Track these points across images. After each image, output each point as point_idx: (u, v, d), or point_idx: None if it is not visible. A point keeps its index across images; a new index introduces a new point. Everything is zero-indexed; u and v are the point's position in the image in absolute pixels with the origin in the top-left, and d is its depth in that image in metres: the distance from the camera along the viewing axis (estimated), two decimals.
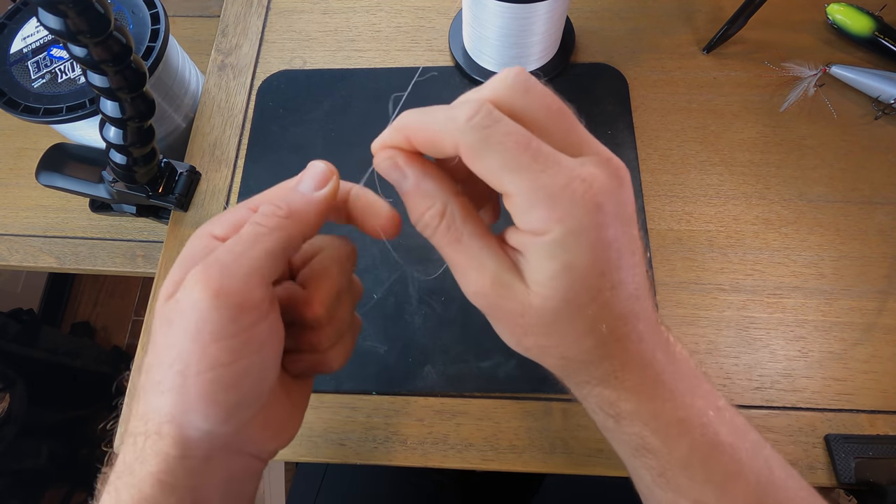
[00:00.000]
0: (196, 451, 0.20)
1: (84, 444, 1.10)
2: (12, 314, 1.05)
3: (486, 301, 0.21)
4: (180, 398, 0.20)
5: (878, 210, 0.40)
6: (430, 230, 0.22)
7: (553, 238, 0.19)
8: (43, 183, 0.42)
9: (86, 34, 0.28)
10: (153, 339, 0.21)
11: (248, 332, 0.20)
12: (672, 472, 0.22)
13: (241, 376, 0.20)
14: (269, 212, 0.22)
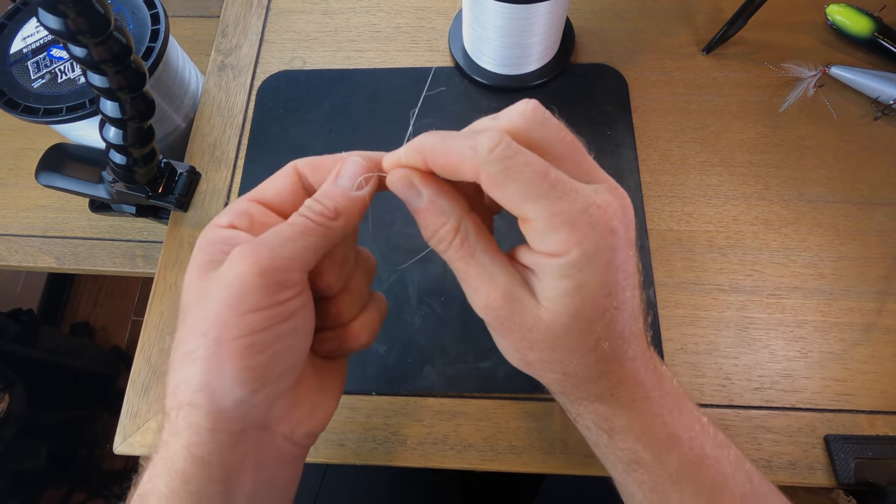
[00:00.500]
0: (228, 424, 0.21)
1: (84, 444, 1.10)
2: (12, 314, 1.05)
3: (496, 314, 0.22)
4: (214, 364, 0.20)
5: (878, 210, 0.40)
6: (444, 245, 0.22)
7: (570, 259, 0.20)
8: (42, 183, 0.42)
9: (86, 34, 0.28)
10: (185, 314, 0.21)
11: (283, 305, 0.21)
12: (663, 486, 0.23)
13: (275, 341, 0.21)
14: (320, 210, 0.22)
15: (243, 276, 0.20)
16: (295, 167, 0.24)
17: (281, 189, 0.24)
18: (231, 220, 0.23)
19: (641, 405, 0.23)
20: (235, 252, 0.21)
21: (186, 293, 0.22)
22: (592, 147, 0.44)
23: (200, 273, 0.21)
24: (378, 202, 0.41)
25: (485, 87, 0.45)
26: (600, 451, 0.25)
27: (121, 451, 0.36)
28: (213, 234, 0.22)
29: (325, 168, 0.24)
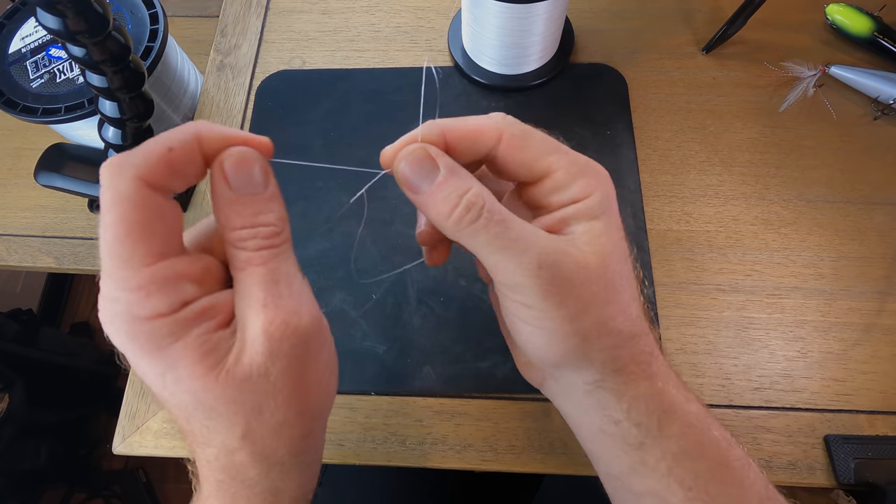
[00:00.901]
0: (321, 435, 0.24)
1: (84, 444, 1.10)
2: (12, 314, 1.05)
3: (550, 274, 0.21)
4: (311, 415, 0.21)
5: (878, 210, 0.40)
6: (473, 213, 0.20)
7: (597, 200, 0.22)
8: (41, 183, 0.42)
9: (84, 34, 0.28)
10: (245, 416, 0.20)
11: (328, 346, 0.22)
12: (704, 477, 0.23)
13: (335, 368, 0.23)
14: (268, 233, 0.20)
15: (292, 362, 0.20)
16: (142, 177, 0.18)
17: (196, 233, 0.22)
18: (178, 297, 0.19)
19: (665, 372, 0.24)
20: (275, 332, 0.19)
21: (216, 400, 0.19)
22: (592, 147, 0.44)
23: (213, 373, 0.19)
24: (379, 202, 0.41)
25: (484, 86, 0.45)
26: (640, 452, 0.23)
27: (120, 451, 0.36)
28: (169, 327, 0.18)
29: (179, 162, 0.19)
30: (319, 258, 0.39)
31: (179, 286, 0.19)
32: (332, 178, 0.42)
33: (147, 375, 0.19)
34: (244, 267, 0.20)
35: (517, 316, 0.22)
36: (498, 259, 0.21)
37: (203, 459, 0.21)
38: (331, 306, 0.38)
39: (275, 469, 0.21)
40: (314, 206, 0.41)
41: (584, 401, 0.24)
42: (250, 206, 0.20)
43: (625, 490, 0.24)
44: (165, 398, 0.19)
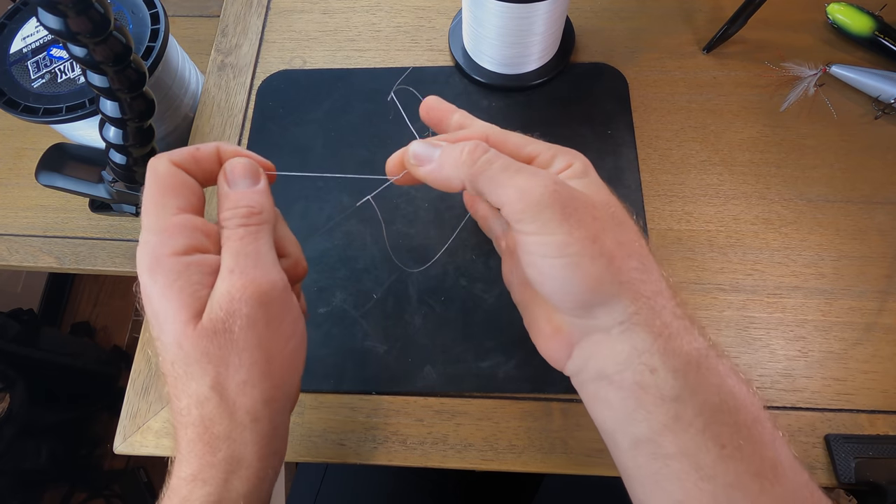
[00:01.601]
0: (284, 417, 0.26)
1: (84, 444, 1.10)
2: (12, 314, 1.06)
3: (564, 193, 0.23)
4: (272, 381, 0.24)
5: (878, 210, 0.40)
6: (478, 152, 0.24)
7: (579, 165, 0.25)
8: (42, 183, 0.42)
9: (86, 34, 0.28)
10: (214, 366, 0.23)
11: (298, 313, 0.26)
12: (734, 432, 0.22)
13: (301, 345, 0.26)
14: (245, 212, 0.25)
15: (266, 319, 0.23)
16: (173, 160, 0.25)
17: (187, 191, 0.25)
18: (191, 241, 0.24)
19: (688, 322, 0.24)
20: (235, 293, 0.23)
21: (192, 347, 0.23)
22: (592, 146, 0.44)
23: (192, 322, 0.23)
24: (379, 201, 0.41)
25: (485, 86, 0.45)
26: (638, 378, 0.23)
27: (121, 450, 0.36)
28: (177, 265, 0.23)
29: (201, 159, 0.26)
30: (320, 258, 0.40)
31: (195, 234, 0.24)
32: (332, 178, 0.42)
33: (154, 314, 0.23)
34: (224, 242, 0.24)
35: (540, 254, 0.23)
36: (516, 182, 0.23)
37: (177, 412, 0.24)
38: (331, 306, 0.38)
39: (236, 430, 0.23)
40: (314, 206, 0.41)
41: (619, 348, 0.23)
42: (237, 196, 0.25)
43: (651, 456, 0.23)
44: (162, 340, 0.23)
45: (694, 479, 0.21)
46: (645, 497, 0.24)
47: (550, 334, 0.26)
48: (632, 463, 0.24)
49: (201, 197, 0.26)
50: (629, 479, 0.24)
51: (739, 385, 0.23)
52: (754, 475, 0.21)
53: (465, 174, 0.24)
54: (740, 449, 0.21)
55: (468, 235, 0.40)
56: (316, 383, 0.37)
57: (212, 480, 0.23)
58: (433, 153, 0.26)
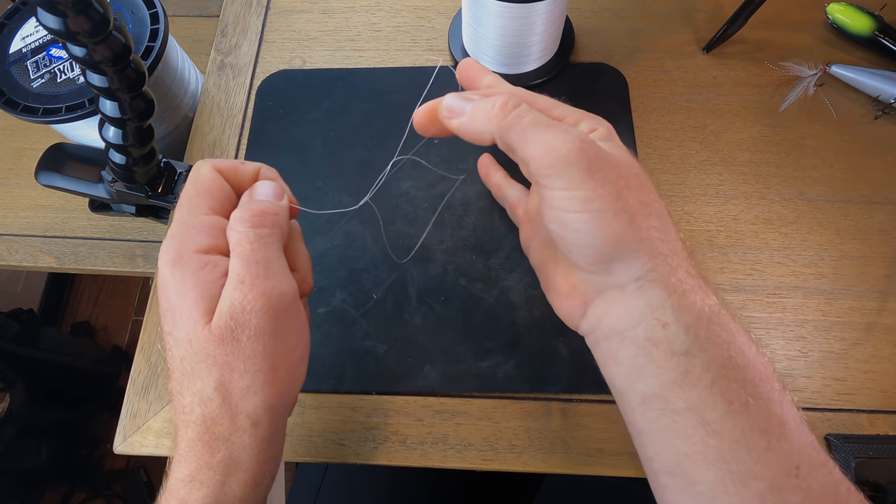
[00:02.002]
0: (283, 422, 0.26)
1: (84, 444, 1.10)
2: (12, 314, 1.06)
3: (591, 149, 0.23)
4: (274, 390, 0.24)
5: (879, 210, 0.39)
6: (514, 102, 0.25)
7: (604, 129, 0.27)
8: (42, 183, 0.42)
9: (85, 34, 0.28)
10: (220, 369, 0.23)
11: (303, 321, 0.27)
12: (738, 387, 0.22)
13: (305, 355, 0.27)
14: (258, 210, 0.25)
15: (270, 324, 0.24)
16: (216, 167, 0.27)
17: (218, 192, 0.26)
18: (214, 241, 0.24)
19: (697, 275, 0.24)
20: (245, 304, 0.23)
21: (201, 347, 0.23)
22: None
23: (202, 321, 0.23)
24: (379, 201, 0.41)
25: None
26: (651, 334, 0.23)
27: (121, 450, 0.36)
28: (198, 262, 0.24)
29: (241, 171, 0.27)
30: (320, 258, 0.39)
31: (219, 235, 0.24)
32: (332, 178, 0.42)
33: (170, 307, 0.24)
34: (234, 247, 0.24)
35: (564, 208, 0.23)
36: (545, 138, 0.23)
37: (180, 410, 0.24)
38: (331, 306, 0.38)
39: (236, 433, 0.23)
40: (314, 206, 0.41)
41: (633, 304, 0.23)
42: (252, 203, 0.26)
43: (660, 412, 0.23)
44: (174, 334, 0.24)
45: (701, 434, 0.22)
46: (653, 453, 0.24)
47: (567, 292, 0.26)
48: (641, 419, 0.24)
49: (234, 203, 0.26)
50: (638, 436, 0.25)
51: (749, 344, 0.23)
52: (761, 432, 0.21)
53: (496, 126, 0.24)
54: (747, 405, 0.22)
55: (468, 235, 0.40)
56: (316, 383, 0.37)
57: (209, 482, 0.23)
58: (465, 106, 0.26)
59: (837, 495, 0.21)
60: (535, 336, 0.36)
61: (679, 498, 0.23)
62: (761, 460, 0.21)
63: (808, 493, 0.21)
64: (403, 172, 0.42)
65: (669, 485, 0.23)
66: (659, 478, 0.23)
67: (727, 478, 0.21)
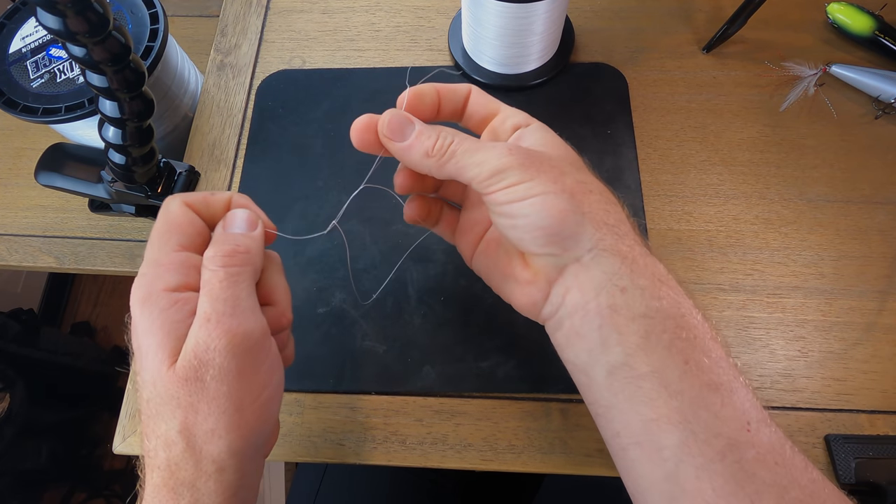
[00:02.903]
0: (253, 466, 0.25)
1: (84, 444, 1.10)
2: (12, 314, 1.05)
3: (523, 153, 0.25)
4: (240, 432, 0.24)
5: (879, 210, 0.39)
6: (447, 142, 0.26)
7: (536, 123, 0.28)
8: (42, 183, 0.42)
9: (84, 34, 0.28)
10: (184, 411, 0.23)
11: (275, 357, 0.26)
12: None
13: (276, 396, 0.26)
14: (229, 251, 0.25)
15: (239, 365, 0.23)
16: (186, 202, 0.27)
17: (189, 228, 0.26)
18: (185, 279, 0.24)
19: (644, 252, 0.25)
20: (210, 343, 0.23)
21: (164, 388, 0.23)
22: (592, 146, 0.44)
23: (167, 362, 0.23)
24: (380, 201, 0.41)
25: (484, 86, 0.45)
26: (609, 315, 0.24)
27: (120, 450, 0.36)
28: (165, 300, 0.23)
29: (212, 203, 0.27)
30: (320, 258, 0.39)
31: (190, 272, 0.24)
32: (333, 177, 0.42)
33: (138, 347, 0.23)
34: (203, 285, 0.24)
35: (509, 200, 0.25)
36: (477, 158, 0.25)
37: (147, 453, 0.24)
38: (331, 306, 0.38)
39: (201, 479, 0.23)
40: (314, 206, 0.41)
41: (591, 274, 0.24)
42: (224, 237, 0.26)
43: (625, 381, 0.23)
44: (142, 374, 0.23)
45: (664, 397, 0.22)
46: (621, 426, 0.24)
47: (529, 279, 0.27)
48: (607, 392, 0.24)
49: (206, 238, 0.26)
50: (605, 413, 0.25)
51: (694, 308, 0.24)
52: (714, 389, 0.22)
53: (433, 165, 0.26)
54: (700, 365, 0.23)
55: None
56: (316, 383, 0.36)
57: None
58: (407, 132, 0.27)
59: (784, 451, 0.22)
60: (534, 336, 0.36)
61: (647, 469, 0.23)
62: (718, 417, 0.22)
63: (760, 448, 0.22)
64: None
65: (638, 457, 0.23)
66: (627, 452, 0.24)
67: (690, 438, 0.22)
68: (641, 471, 0.24)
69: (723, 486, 0.21)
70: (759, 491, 0.21)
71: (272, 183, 0.43)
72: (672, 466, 0.22)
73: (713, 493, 0.21)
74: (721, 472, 0.21)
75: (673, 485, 0.22)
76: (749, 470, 0.21)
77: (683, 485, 0.22)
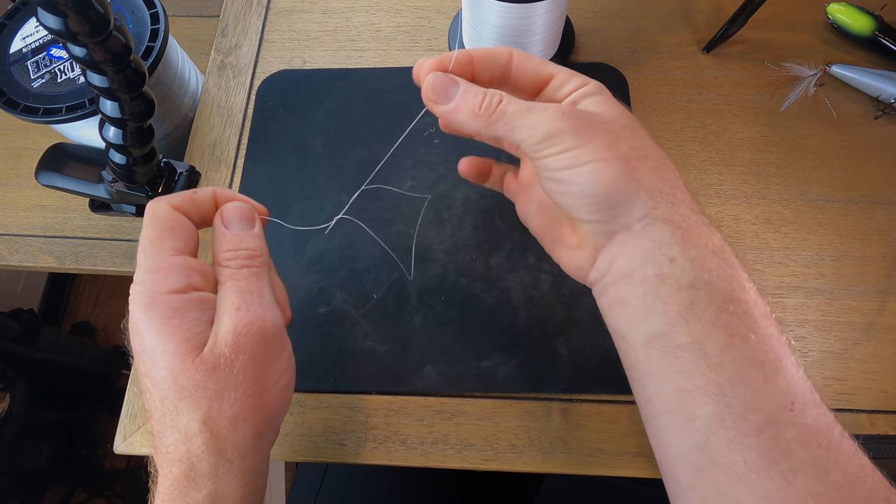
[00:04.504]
0: (268, 450, 0.27)
1: (85, 444, 1.10)
2: (12, 314, 1.05)
3: (576, 116, 0.24)
4: (263, 414, 0.25)
5: (879, 209, 0.39)
6: (496, 98, 0.25)
7: (593, 85, 0.27)
8: (42, 183, 0.42)
9: (85, 34, 0.28)
10: (208, 400, 0.24)
11: (289, 354, 0.28)
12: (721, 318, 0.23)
13: (292, 381, 0.28)
14: (248, 254, 0.26)
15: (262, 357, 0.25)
16: (172, 204, 0.27)
17: (181, 231, 0.27)
18: (188, 281, 0.25)
19: (699, 220, 0.24)
20: (241, 329, 0.24)
21: (188, 381, 0.23)
22: None
23: (191, 356, 0.23)
24: (380, 201, 0.41)
25: None
26: (655, 287, 0.23)
27: (121, 450, 0.36)
28: (174, 302, 0.24)
29: (198, 202, 0.27)
30: (320, 258, 0.40)
31: (191, 274, 0.25)
32: (333, 177, 0.42)
33: (146, 350, 0.24)
34: (226, 280, 0.25)
35: (559, 167, 0.24)
36: (528, 121, 0.24)
37: (163, 450, 0.24)
38: (331, 306, 0.38)
39: (223, 466, 0.24)
40: (314, 206, 0.41)
41: (640, 243, 0.24)
42: (236, 238, 0.26)
43: (663, 350, 0.23)
44: (153, 375, 0.24)
45: (703, 368, 0.22)
46: (654, 393, 0.24)
47: (576, 244, 0.27)
48: (644, 360, 0.24)
49: (196, 239, 0.27)
50: (640, 379, 0.25)
51: (749, 282, 0.23)
52: (759, 366, 0.22)
53: (482, 125, 0.25)
54: (747, 340, 0.22)
55: (468, 235, 0.40)
56: (316, 383, 0.37)
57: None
58: (452, 92, 0.26)
59: (831, 435, 0.21)
60: (535, 336, 0.36)
61: (676, 438, 0.23)
62: (758, 393, 0.21)
63: (802, 429, 0.21)
64: (405, 172, 0.42)
65: (668, 425, 0.23)
66: (658, 420, 0.24)
67: (725, 411, 0.21)
68: (670, 438, 0.23)
69: (755, 461, 0.21)
70: (794, 469, 0.20)
71: (272, 183, 0.43)
72: (702, 437, 0.22)
73: (744, 466, 0.21)
74: (755, 446, 0.21)
75: (702, 454, 0.22)
76: (786, 448, 0.21)
77: (713, 455, 0.22)
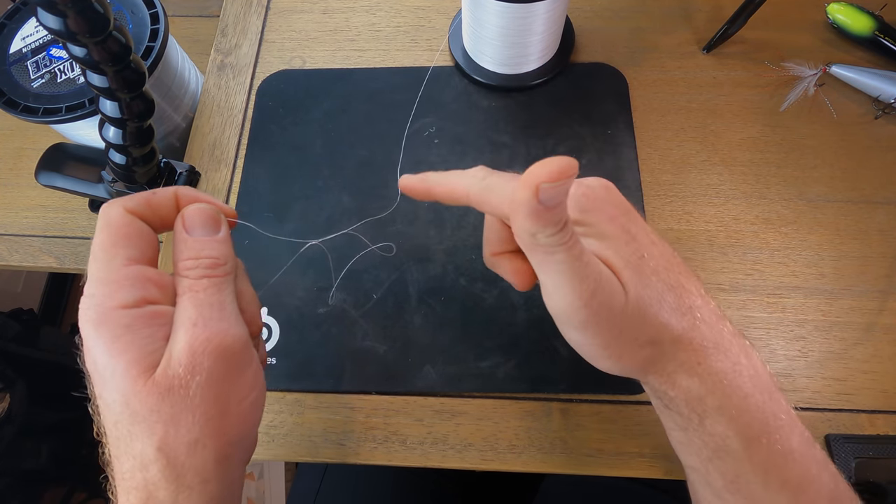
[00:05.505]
0: (238, 473, 0.25)
1: (84, 444, 1.10)
2: (12, 314, 1.05)
3: (599, 302, 0.23)
4: (227, 438, 0.23)
5: (878, 209, 0.39)
6: (565, 236, 0.22)
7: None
8: (42, 183, 0.42)
9: (85, 34, 0.28)
10: (163, 425, 0.22)
11: (258, 371, 0.25)
12: (746, 476, 0.23)
13: (260, 398, 0.25)
14: (210, 263, 0.24)
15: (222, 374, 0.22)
16: (127, 208, 0.24)
17: (137, 238, 0.24)
18: (142, 294, 0.22)
19: (732, 381, 0.23)
20: (198, 347, 0.22)
21: (141, 404, 0.21)
22: (592, 146, 0.44)
23: (143, 377, 0.21)
24: (380, 202, 0.41)
25: (485, 86, 0.45)
26: (686, 435, 0.25)
27: None
28: (125, 318, 0.22)
29: (156, 204, 0.25)
30: (321, 258, 0.39)
31: (146, 286, 0.23)
32: (333, 177, 0.42)
33: (97, 370, 0.22)
34: (185, 292, 0.23)
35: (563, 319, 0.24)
36: (562, 280, 0.22)
37: (119, 475, 0.23)
38: (331, 306, 0.38)
39: (182, 493, 0.22)
40: (314, 206, 0.41)
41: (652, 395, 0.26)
42: (198, 245, 0.24)
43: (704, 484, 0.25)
44: (104, 397, 0.22)
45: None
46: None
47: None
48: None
49: (155, 246, 0.25)
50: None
51: (796, 443, 0.24)
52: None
53: (529, 241, 0.23)
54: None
55: (468, 235, 0.40)
56: (316, 383, 0.37)
57: None
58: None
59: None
60: (535, 336, 0.36)
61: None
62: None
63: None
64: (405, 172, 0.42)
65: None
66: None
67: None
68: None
69: None
70: None
71: (272, 183, 0.43)
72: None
73: None
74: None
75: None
76: None
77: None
